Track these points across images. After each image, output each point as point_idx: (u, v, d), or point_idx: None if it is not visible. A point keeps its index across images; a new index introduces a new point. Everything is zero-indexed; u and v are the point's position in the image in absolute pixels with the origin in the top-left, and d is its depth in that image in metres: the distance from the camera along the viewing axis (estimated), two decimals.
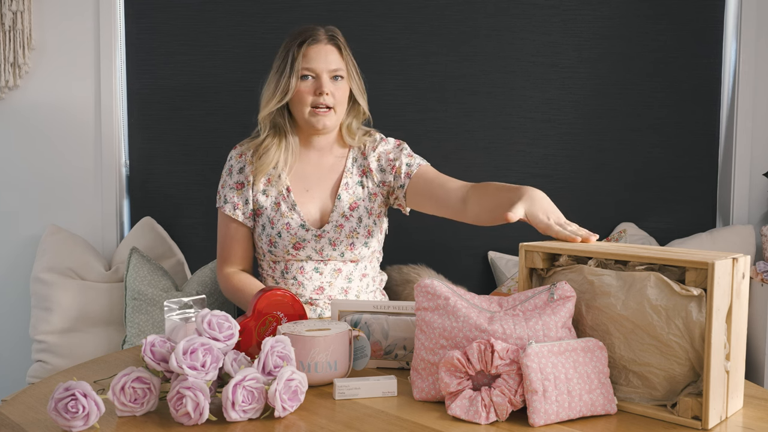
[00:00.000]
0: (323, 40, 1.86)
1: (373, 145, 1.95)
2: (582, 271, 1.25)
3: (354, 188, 1.92)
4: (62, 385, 1.10)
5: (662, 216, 2.57)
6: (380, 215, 1.95)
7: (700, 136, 2.56)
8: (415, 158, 1.93)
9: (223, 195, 1.91)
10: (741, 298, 1.17)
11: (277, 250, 1.86)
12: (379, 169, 1.93)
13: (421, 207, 1.90)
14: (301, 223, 1.86)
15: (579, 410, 1.13)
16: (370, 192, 1.93)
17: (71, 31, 2.52)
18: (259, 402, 1.15)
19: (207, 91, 2.53)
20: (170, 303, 1.35)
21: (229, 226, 1.92)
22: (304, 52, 1.83)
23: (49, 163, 2.55)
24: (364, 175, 1.93)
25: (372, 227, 1.91)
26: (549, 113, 2.53)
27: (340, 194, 1.90)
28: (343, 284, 1.91)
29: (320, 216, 1.90)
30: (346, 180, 1.91)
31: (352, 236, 1.88)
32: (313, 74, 1.83)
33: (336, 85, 1.85)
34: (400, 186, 1.91)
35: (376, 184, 1.93)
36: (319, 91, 1.82)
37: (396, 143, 1.97)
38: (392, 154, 1.93)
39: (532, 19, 2.50)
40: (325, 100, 1.82)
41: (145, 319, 2.26)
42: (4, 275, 2.57)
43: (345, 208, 1.89)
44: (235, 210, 1.89)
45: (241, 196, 1.90)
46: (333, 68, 1.84)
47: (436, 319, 1.22)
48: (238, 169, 1.91)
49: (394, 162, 1.92)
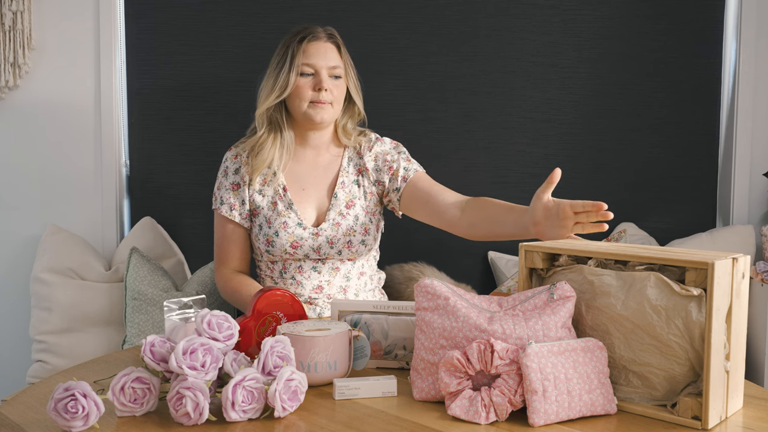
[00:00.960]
0: (323, 37, 1.87)
1: (368, 144, 1.95)
2: (582, 271, 1.25)
3: (350, 187, 1.92)
4: (62, 385, 1.10)
5: (662, 216, 2.57)
6: (376, 213, 1.96)
7: (700, 136, 2.56)
8: (413, 163, 1.94)
9: (219, 196, 1.91)
10: (741, 298, 1.17)
11: (275, 249, 1.86)
12: (375, 168, 1.94)
13: (414, 213, 1.91)
14: (298, 222, 1.86)
15: (579, 410, 1.13)
16: (366, 191, 1.93)
17: (71, 31, 2.52)
18: (259, 402, 1.15)
19: (207, 91, 2.53)
20: (170, 303, 1.35)
21: (225, 228, 1.92)
22: (305, 48, 1.84)
23: (49, 163, 2.55)
24: (360, 174, 1.94)
25: (368, 225, 1.91)
26: (549, 113, 2.53)
27: (337, 192, 1.90)
28: (342, 283, 1.91)
29: (317, 215, 1.90)
30: (342, 179, 1.92)
31: (349, 234, 1.88)
32: (312, 70, 1.83)
33: (334, 83, 1.85)
34: (395, 189, 1.92)
35: (371, 182, 1.94)
36: (318, 87, 1.82)
37: (393, 144, 1.97)
38: (389, 155, 1.94)
39: (532, 19, 2.50)
40: (323, 96, 1.83)
41: (145, 319, 2.26)
42: (4, 275, 2.56)
43: (341, 206, 1.89)
44: (232, 211, 1.89)
45: (238, 196, 1.90)
46: (332, 65, 1.85)
47: (436, 319, 1.22)
48: (233, 170, 1.91)
49: (391, 163, 1.93)
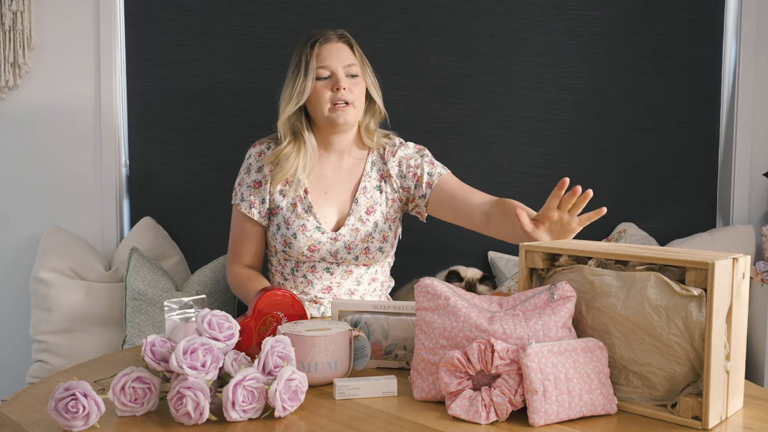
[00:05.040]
0: (334, 38, 1.84)
1: (392, 149, 1.93)
2: (582, 271, 1.25)
3: (372, 192, 1.90)
4: (62, 385, 1.10)
5: (662, 216, 2.57)
6: (396, 220, 1.94)
7: (700, 136, 2.56)
8: (437, 166, 1.91)
9: (240, 193, 1.90)
10: (741, 298, 1.17)
11: (292, 251, 1.85)
12: (400, 174, 1.92)
13: (442, 216, 1.89)
14: (317, 226, 1.85)
15: (579, 410, 1.13)
16: (388, 197, 1.91)
17: (71, 31, 2.52)
18: (259, 402, 1.15)
19: (207, 91, 2.53)
20: (170, 303, 1.35)
21: (243, 224, 1.91)
22: (317, 51, 1.82)
23: (49, 164, 2.55)
24: (383, 179, 1.92)
25: (387, 232, 1.90)
26: (549, 113, 2.53)
27: (358, 198, 1.88)
28: (351, 286, 1.90)
29: (337, 219, 1.89)
30: (365, 184, 1.90)
31: (367, 240, 1.87)
32: (328, 72, 1.81)
33: (352, 81, 1.83)
34: (421, 196, 1.90)
35: (395, 189, 1.92)
36: (336, 87, 1.80)
37: (416, 148, 1.94)
38: (413, 161, 1.91)
39: (532, 19, 2.50)
40: (343, 95, 1.80)
41: (145, 319, 2.26)
42: (4, 275, 2.56)
43: (362, 212, 1.88)
44: (251, 209, 1.88)
45: (258, 194, 1.88)
46: (347, 63, 1.82)
47: (436, 319, 1.22)
48: (256, 167, 1.89)
49: (415, 169, 1.90)
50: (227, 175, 2.18)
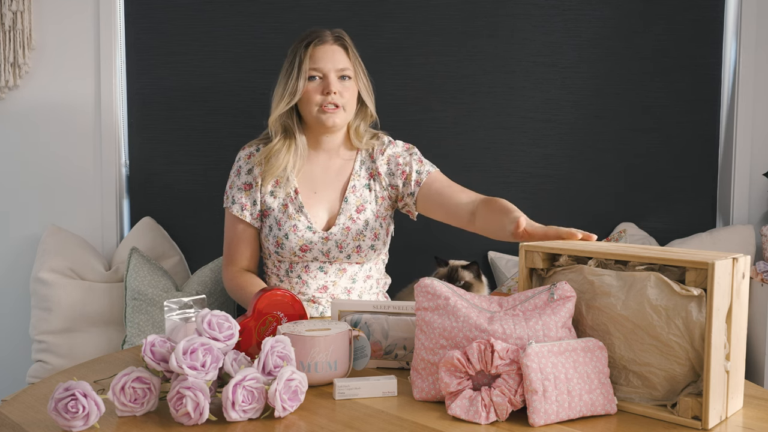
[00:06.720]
0: (329, 40, 1.85)
1: (381, 148, 1.93)
2: (582, 271, 1.25)
3: (361, 191, 1.91)
4: (62, 385, 1.10)
5: (662, 216, 2.57)
6: (386, 218, 1.95)
7: (700, 136, 2.56)
8: (425, 164, 1.92)
9: (231, 195, 1.91)
10: (741, 298, 1.17)
11: (284, 251, 1.86)
12: (388, 172, 1.93)
13: (431, 214, 1.90)
14: (308, 225, 1.86)
15: (579, 410, 1.13)
16: (378, 195, 1.92)
17: (71, 31, 2.52)
18: (259, 402, 1.15)
19: (207, 91, 2.53)
20: (170, 303, 1.35)
21: (236, 227, 1.91)
22: (311, 53, 1.82)
23: (49, 163, 2.55)
24: (372, 178, 1.93)
25: (378, 230, 1.91)
26: (549, 113, 2.53)
27: (348, 197, 1.89)
28: (347, 284, 1.91)
29: (327, 218, 1.90)
30: (354, 182, 1.91)
31: (358, 239, 1.87)
32: (320, 74, 1.82)
33: (344, 84, 1.84)
34: (410, 194, 1.91)
35: (384, 187, 1.92)
36: (326, 91, 1.81)
37: (405, 147, 1.95)
38: (402, 159, 1.92)
39: (532, 19, 2.50)
40: (333, 99, 1.81)
41: (145, 319, 2.26)
42: (4, 275, 2.56)
43: (352, 210, 1.89)
44: (243, 211, 1.89)
45: (249, 196, 1.89)
46: (340, 67, 1.83)
47: (436, 319, 1.22)
48: (246, 170, 1.90)
49: (404, 167, 1.91)
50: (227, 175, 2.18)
